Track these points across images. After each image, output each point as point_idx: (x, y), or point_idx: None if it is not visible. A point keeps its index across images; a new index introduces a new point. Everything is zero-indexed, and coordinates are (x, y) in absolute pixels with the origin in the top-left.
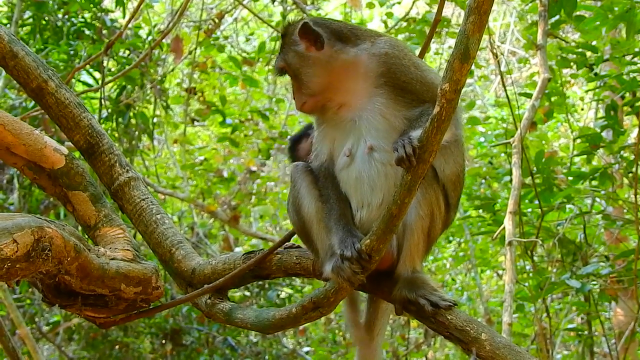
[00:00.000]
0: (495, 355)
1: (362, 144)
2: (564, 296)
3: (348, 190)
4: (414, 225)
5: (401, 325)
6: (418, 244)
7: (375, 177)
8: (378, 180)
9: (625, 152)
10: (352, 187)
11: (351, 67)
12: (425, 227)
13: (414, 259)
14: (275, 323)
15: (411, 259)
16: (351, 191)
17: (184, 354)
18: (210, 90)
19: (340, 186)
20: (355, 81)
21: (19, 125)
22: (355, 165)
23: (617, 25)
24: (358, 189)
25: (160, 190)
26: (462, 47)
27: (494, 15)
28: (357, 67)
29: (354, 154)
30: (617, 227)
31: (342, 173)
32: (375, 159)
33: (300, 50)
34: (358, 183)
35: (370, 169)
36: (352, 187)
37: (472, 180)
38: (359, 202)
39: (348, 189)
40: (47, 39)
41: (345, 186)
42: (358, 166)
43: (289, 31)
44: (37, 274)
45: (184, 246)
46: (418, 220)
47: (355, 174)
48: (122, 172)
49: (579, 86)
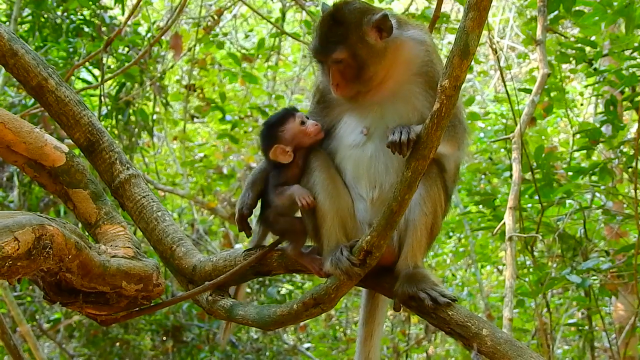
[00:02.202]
0: (496, 350)
1: (382, 125)
2: (564, 291)
3: (358, 168)
4: (417, 222)
5: (402, 321)
6: (420, 240)
7: (393, 157)
8: (396, 162)
9: (625, 147)
10: (365, 166)
11: (401, 54)
12: (429, 224)
13: (416, 255)
14: (276, 319)
15: (413, 255)
16: (362, 170)
17: (184, 350)
18: (210, 87)
19: (346, 165)
20: (399, 67)
21: (19, 123)
22: (372, 144)
23: (616, 20)
24: (372, 167)
25: (160, 187)
26: (462, 43)
27: (493, 11)
28: (406, 54)
29: (372, 133)
30: (617, 222)
31: (354, 151)
32: None
33: (371, 40)
34: (372, 161)
35: (388, 150)
36: (365, 165)
37: (472, 175)
38: (372, 181)
39: (358, 168)
40: (46, 37)
41: (354, 164)
42: (376, 145)
43: (355, 21)
44: (38, 272)
45: (185, 243)
46: (422, 217)
47: (371, 153)
48: (122, 169)
49: (579, 81)
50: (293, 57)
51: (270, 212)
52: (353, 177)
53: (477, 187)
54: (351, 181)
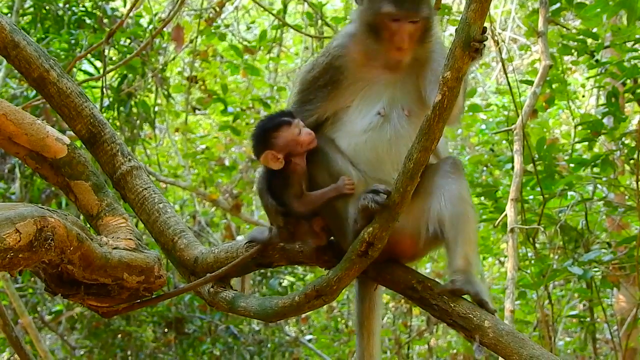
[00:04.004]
0: (498, 342)
1: (398, 106)
2: (566, 283)
3: (377, 152)
4: (469, 216)
5: (403, 313)
6: (472, 237)
7: (413, 137)
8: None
9: (627, 139)
10: (385, 148)
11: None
12: (475, 218)
13: (470, 255)
14: (278, 311)
15: (465, 254)
16: (383, 153)
17: (186, 342)
18: (212, 78)
19: (360, 151)
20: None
21: (21, 115)
22: (391, 125)
23: (618, 12)
24: (392, 148)
25: (162, 179)
26: (464, 35)
27: (495, 3)
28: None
29: (388, 114)
30: (619, 214)
31: (369, 134)
32: (413, 122)
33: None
34: (393, 143)
35: (409, 130)
36: (385, 147)
37: (474, 167)
38: (394, 164)
39: (377, 152)
40: (48, 28)
41: (371, 148)
42: (395, 126)
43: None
44: (40, 264)
45: (187, 235)
46: (470, 210)
47: (390, 134)
48: (124, 161)
49: (580, 73)
50: (295, 49)
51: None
52: (373, 162)
53: (478, 179)
54: (368, 167)
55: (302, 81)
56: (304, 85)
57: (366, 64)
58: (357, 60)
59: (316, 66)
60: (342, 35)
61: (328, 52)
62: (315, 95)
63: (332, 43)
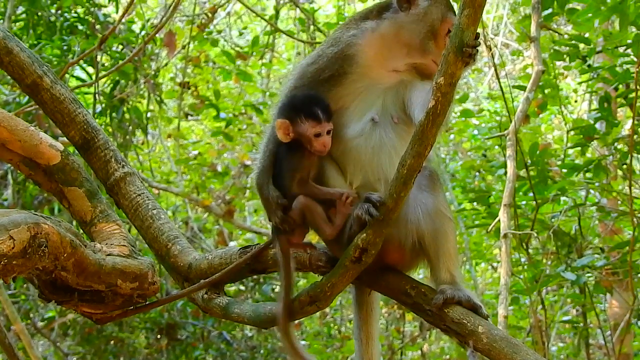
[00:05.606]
0: (492, 347)
1: (387, 113)
2: (559, 288)
3: (359, 160)
4: (446, 229)
5: (396, 319)
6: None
7: (398, 146)
8: (400, 150)
9: (619, 144)
10: (369, 155)
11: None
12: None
13: (452, 266)
14: (272, 317)
15: (448, 266)
16: (367, 159)
17: (179, 348)
18: (204, 84)
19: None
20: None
21: (14, 121)
22: (379, 133)
23: (610, 17)
24: (375, 157)
25: (154, 185)
26: (457, 40)
27: (487, 8)
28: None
29: (381, 121)
30: (612, 219)
31: (358, 140)
32: (401, 129)
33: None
34: (377, 151)
35: (393, 139)
36: (369, 155)
37: (466, 173)
38: (375, 171)
39: (360, 159)
40: (40, 35)
41: (355, 156)
42: (380, 134)
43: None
44: (34, 270)
45: (180, 241)
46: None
47: (375, 142)
48: (117, 167)
49: (572, 78)
50: (287, 54)
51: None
52: (358, 169)
53: (471, 184)
54: (354, 175)
55: (300, 75)
56: (303, 80)
57: (375, 63)
58: (369, 55)
59: (322, 57)
60: (359, 28)
61: (339, 41)
62: (315, 91)
63: (343, 33)
